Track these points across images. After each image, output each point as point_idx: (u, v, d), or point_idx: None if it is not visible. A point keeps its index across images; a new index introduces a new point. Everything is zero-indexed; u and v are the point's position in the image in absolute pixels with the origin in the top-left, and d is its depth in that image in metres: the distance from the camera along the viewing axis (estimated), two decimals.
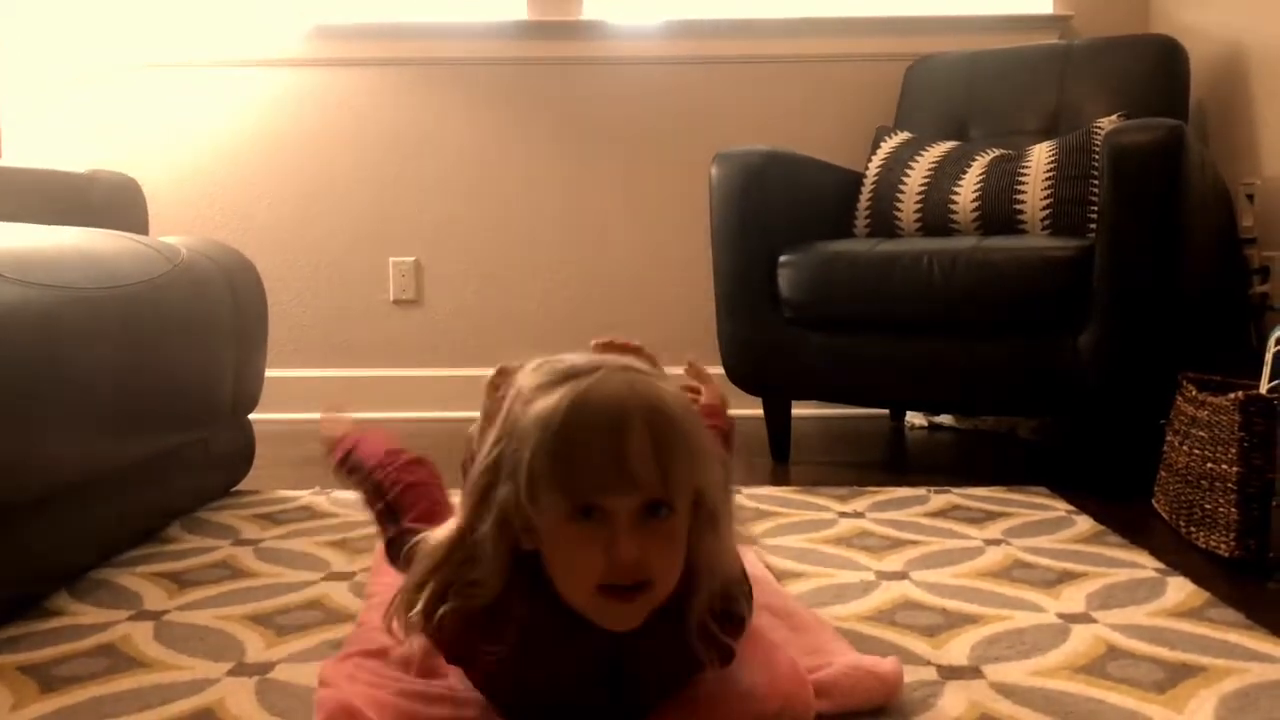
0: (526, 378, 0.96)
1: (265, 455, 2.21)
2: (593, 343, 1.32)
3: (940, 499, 2.03)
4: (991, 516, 1.90)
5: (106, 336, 1.49)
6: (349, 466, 1.31)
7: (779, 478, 2.31)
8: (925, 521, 1.87)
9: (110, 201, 2.00)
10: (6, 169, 2.00)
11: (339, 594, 1.52)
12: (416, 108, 3.08)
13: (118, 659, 1.28)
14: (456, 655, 1.03)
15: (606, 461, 0.88)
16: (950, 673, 1.22)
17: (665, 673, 1.02)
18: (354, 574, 1.61)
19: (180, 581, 1.57)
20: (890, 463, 2.54)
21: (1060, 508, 1.96)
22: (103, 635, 1.36)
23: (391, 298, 3.10)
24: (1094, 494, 2.04)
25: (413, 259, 3.09)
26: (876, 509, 1.96)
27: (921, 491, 2.08)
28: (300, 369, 3.04)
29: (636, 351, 1.27)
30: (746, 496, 2.06)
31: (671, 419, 0.91)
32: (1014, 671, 1.22)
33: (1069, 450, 2.22)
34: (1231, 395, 1.66)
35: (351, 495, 2.05)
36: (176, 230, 2.71)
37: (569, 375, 0.93)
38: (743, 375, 2.42)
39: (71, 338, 1.41)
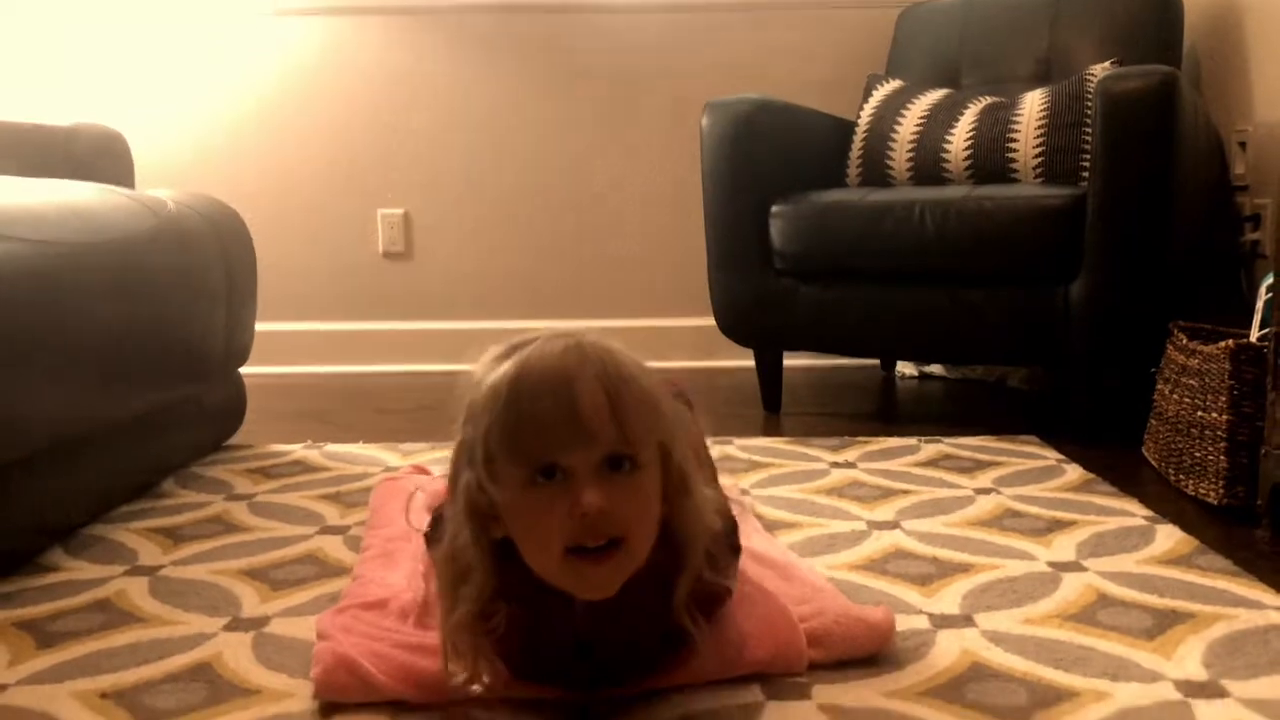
0: (476, 365, 0.94)
1: (257, 408, 2.21)
2: None
3: (931, 448, 2.03)
4: (982, 465, 1.91)
5: (95, 291, 1.48)
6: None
7: (770, 429, 2.32)
8: (916, 471, 1.88)
9: (94, 155, 1.98)
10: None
11: (334, 548, 1.52)
12: (404, 57, 3.04)
13: (114, 614, 1.28)
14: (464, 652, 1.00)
15: (559, 418, 0.86)
16: (942, 621, 1.23)
17: (647, 651, 1.02)
18: (349, 528, 1.61)
19: (175, 537, 1.58)
20: (881, 413, 2.55)
21: (1050, 456, 1.97)
22: (98, 590, 1.36)
23: (381, 250, 3.09)
24: (1084, 443, 2.05)
25: (402, 211, 3.07)
26: (868, 459, 1.97)
27: (912, 441, 2.09)
28: (290, 322, 3.03)
29: None
30: (738, 448, 2.06)
31: (623, 370, 0.89)
32: (1005, 620, 1.23)
33: (1059, 399, 2.22)
34: (1222, 344, 1.66)
35: (343, 448, 2.07)
36: (163, 185, 2.69)
37: (514, 348, 0.92)
38: (734, 327, 2.42)
39: (60, 293, 1.40)
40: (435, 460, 1.95)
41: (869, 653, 1.13)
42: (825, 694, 1.06)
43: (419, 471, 1.77)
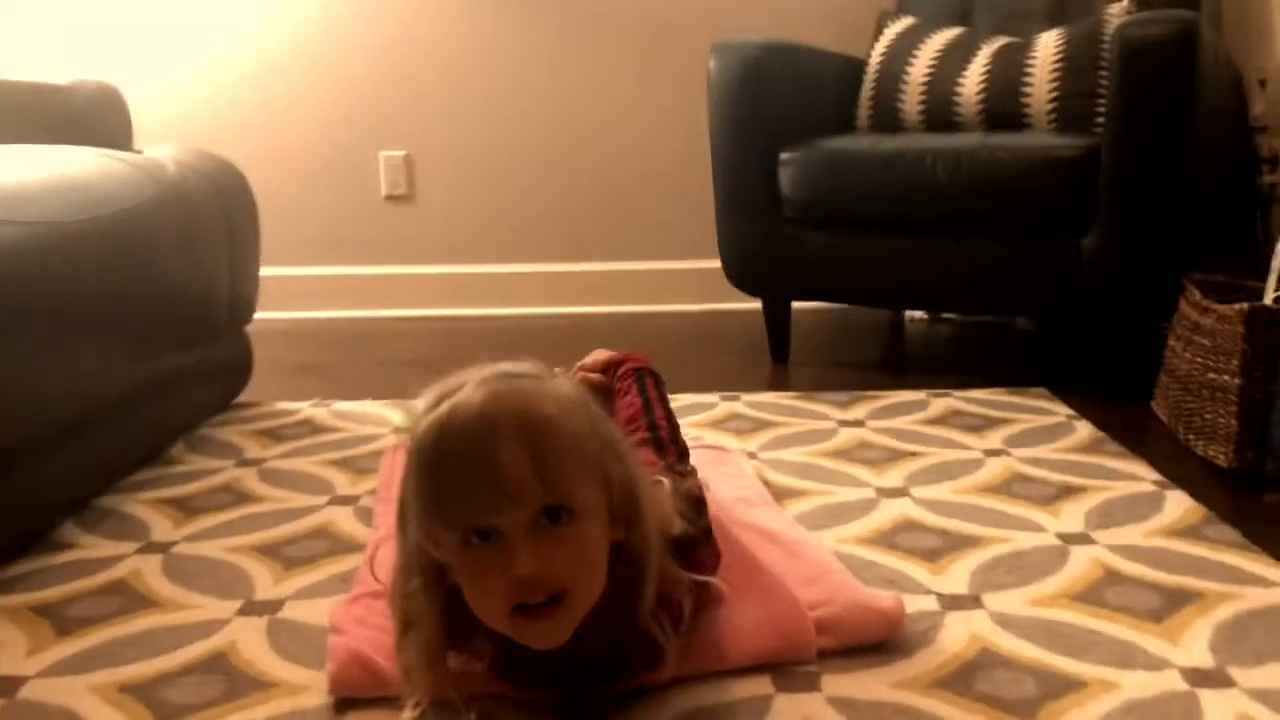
0: (420, 398, 0.93)
1: (262, 358, 2.19)
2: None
3: (939, 404, 2.03)
4: (991, 423, 1.91)
5: (97, 268, 1.47)
6: None
7: (778, 381, 2.31)
8: (925, 430, 1.88)
9: (92, 112, 1.95)
10: None
11: (345, 520, 1.53)
12: None
13: (129, 598, 1.30)
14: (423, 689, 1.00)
15: (478, 481, 0.84)
16: (950, 602, 1.24)
17: (625, 660, 1.01)
18: (358, 497, 1.62)
19: (186, 509, 1.59)
20: (890, 360, 2.54)
21: (1060, 412, 1.96)
22: (113, 571, 1.37)
23: (383, 193, 3.05)
24: (1093, 395, 2.05)
25: (403, 153, 3.03)
26: (876, 416, 1.97)
27: (921, 396, 2.08)
28: (293, 267, 3.01)
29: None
30: (746, 404, 2.06)
31: (544, 420, 0.87)
32: (1013, 600, 1.24)
33: (1069, 345, 2.21)
34: (1236, 306, 1.65)
35: (350, 406, 2.06)
36: (160, 136, 2.65)
37: (440, 398, 0.89)
38: (742, 276, 2.40)
39: (61, 273, 1.38)
40: None
41: (879, 640, 1.14)
42: (835, 685, 1.07)
43: None
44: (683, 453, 1.26)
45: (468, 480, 0.86)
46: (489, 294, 3.05)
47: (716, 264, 2.46)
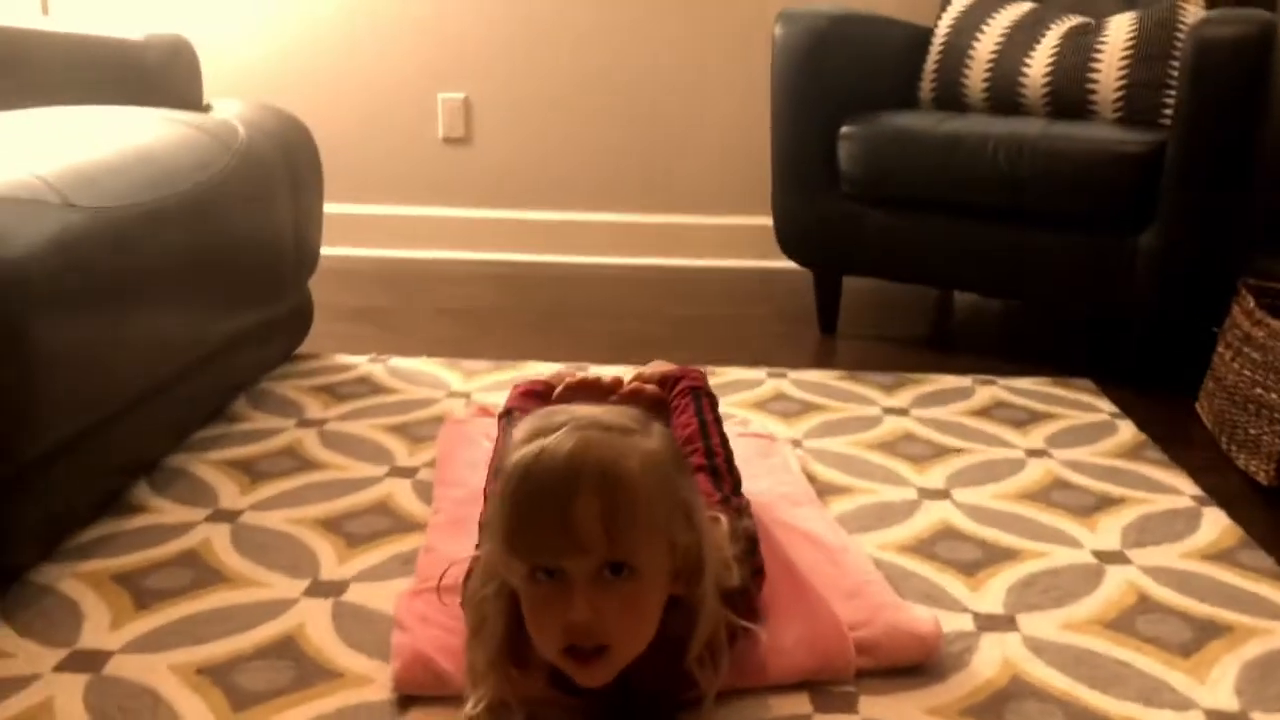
0: (521, 426, 0.98)
1: (320, 298, 2.22)
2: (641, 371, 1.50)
3: (984, 392, 2.05)
4: (1035, 418, 1.93)
5: (173, 243, 1.52)
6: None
7: (825, 353, 2.34)
8: (968, 422, 1.91)
9: (165, 67, 1.97)
10: (63, 35, 1.96)
11: (404, 494, 1.59)
12: None
13: (201, 570, 1.37)
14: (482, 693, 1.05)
15: (551, 527, 0.90)
16: (986, 622, 1.28)
17: (670, 694, 1.06)
18: (417, 470, 1.68)
19: (251, 473, 1.65)
20: (937, 338, 2.55)
21: (1104, 409, 1.98)
22: (184, 539, 1.44)
23: (441, 135, 3.07)
24: (1139, 388, 2.07)
25: (462, 95, 3.04)
26: (920, 404, 1.99)
27: (966, 382, 2.11)
28: (350, 204, 3.04)
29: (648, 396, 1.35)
30: (792, 382, 2.09)
31: (623, 481, 0.91)
32: (1046, 624, 1.28)
33: (1117, 337, 2.22)
34: None
35: (406, 364, 2.12)
36: (226, 81, 2.69)
37: (537, 434, 0.94)
38: (796, 247, 2.42)
39: (140, 250, 1.43)
40: (496, 385, 2.00)
41: (916, 662, 1.19)
42: (871, 706, 1.12)
43: (483, 414, 1.82)
44: (736, 482, 1.30)
45: (542, 523, 0.91)
46: (541, 240, 3.08)
47: (768, 221, 2.47)
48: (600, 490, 0.91)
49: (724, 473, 1.29)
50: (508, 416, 1.48)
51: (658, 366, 1.60)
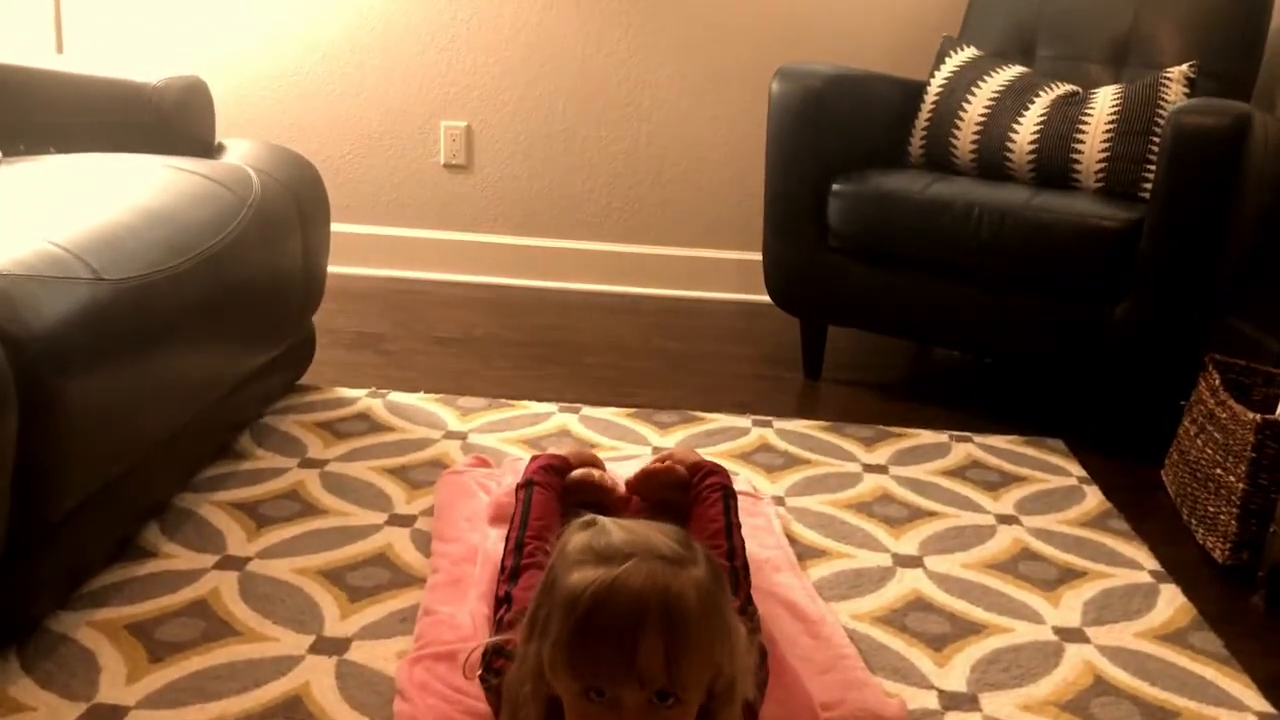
0: (574, 537, 1.03)
1: (321, 320, 2.29)
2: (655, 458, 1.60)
3: (960, 450, 2.14)
4: (1006, 480, 2.02)
5: (192, 303, 1.58)
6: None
7: (809, 399, 2.42)
8: (944, 484, 2.00)
9: (180, 108, 2.03)
10: (78, 77, 2.02)
11: (403, 545, 1.67)
12: None
13: (212, 622, 1.44)
14: None
15: (618, 661, 0.95)
16: (950, 700, 1.37)
17: None
18: (415, 518, 1.75)
19: (257, 517, 1.72)
20: (915, 388, 2.62)
21: (1073, 473, 2.07)
22: (195, 587, 1.52)
23: (442, 161, 3.13)
24: (1108, 452, 2.16)
25: (464, 124, 3.10)
26: (899, 461, 2.08)
27: (943, 439, 2.19)
28: (351, 224, 3.11)
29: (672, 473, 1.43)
30: (776, 432, 2.18)
31: (687, 622, 0.96)
32: (1007, 703, 1.37)
33: (1088, 399, 2.31)
34: (1251, 415, 1.74)
35: (404, 400, 2.18)
36: (233, 109, 2.74)
37: (604, 558, 0.99)
38: (784, 295, 2.50)
39: (162, 316, 1.50)
40: (491, 425, 2.08)
41: None
42: None
43: (479, 464, 1.90)
44: (748, 583, 1.38)
45: (607, 656, 0.96)
46: (536, 266, 3.15)
47: (758, 257, 2.55)
48: (667, 631, 0.95)
49: (742, 579, 1.38)
50: (527, 488, 1.55)
51: (688, 454, 1.69)
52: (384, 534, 1.70)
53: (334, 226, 2.32)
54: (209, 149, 2.07)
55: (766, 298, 2.84)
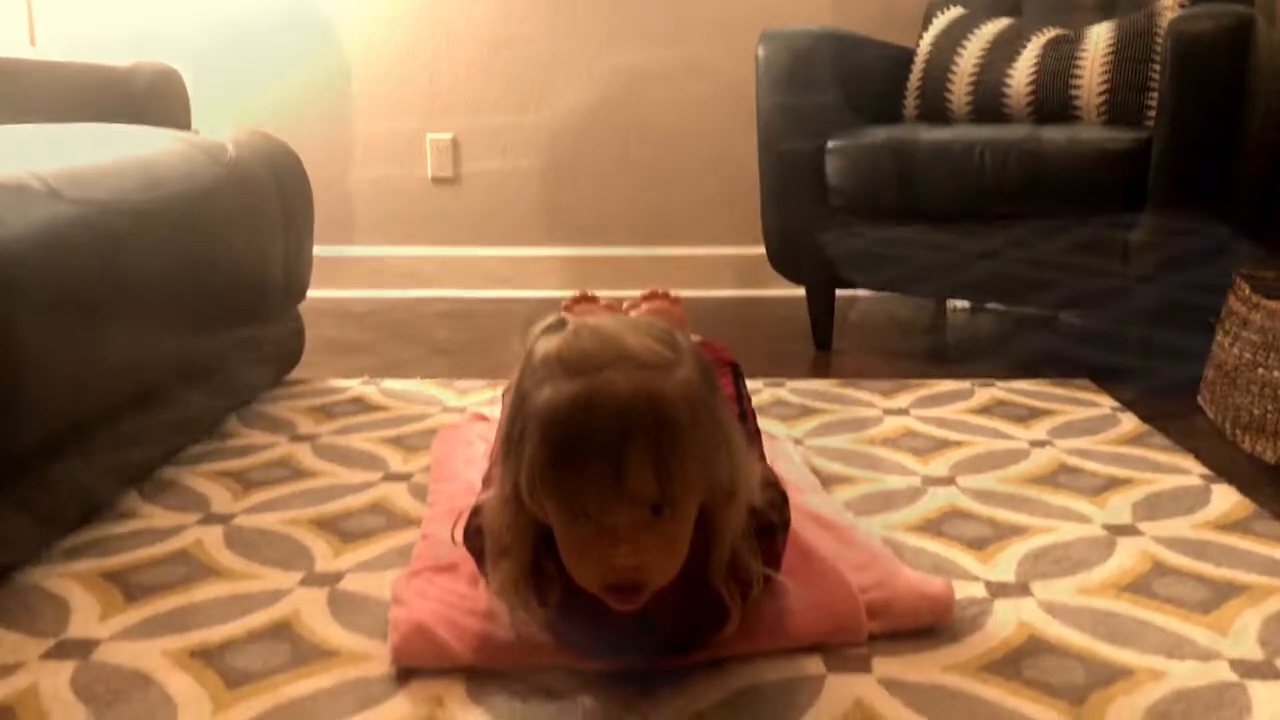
0: (540, 343, 0.93)
1: (311, 337, 2.22)
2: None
3: (984, 393, 2.04)
4: (1035, 414, 1.91)
5: (161, 244, 1.51)
6: None
7: (821, 366, 2.33)
8: (970, 419, 1.89)
9: (152, 94, 1.98)
10: (51, 63, 1.97)
11: (400, 496, 1.56)
12: None
13: (194, 567, 1.33)
14: (514, 610, 1.03)
15: (605, 481, 0.86)
16: (998, 590, 1.25)
17: (696, 621, 1.04)
18: (411, 474, 1.65)
19: (244, 482, 1.62)
20: (933, 351, 2.54)
21: (1104, 404, 1.97)
22: (176, 540, 1.41)
23: (430, 175, 3.08)
24: (1138, 387, 2.05)
25: (450, 136, 3.06)
26: (920, 405, 1.98)
27: (965, 385, 2.09)
28: (340, 245, 3.05)
29: (664, 298, 1.31)
30: (790, 391, 2.08)
31: (676, 429, 0.87)
32: (1061, 589, 1.25)
33: (1114, 336, 2.21)
34: None
35: (400, 385, 2.10)
36: (214, 113, 2.69)
37: (575, 370, 0.89)
38: (786, 262, 2.42)
39: (128, 249, 1.42)
40: (492, 400, 1.98)
41: (929, 625, 1.16)
42: (885, 667, 1.09)
43: (478, 420, 1.80)
44: (761, 454, 1.28)
45: (592, 476, 0.87)
46: (531, 277, 3.08)
47: (758, 250, 2.48)
48: (654, 444, 0.86)
49: (754, 439, 1.28)
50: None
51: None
52: (379, 488, 1.60)
53: (323, 250, 2.27)
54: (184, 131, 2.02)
55: (770, 291, 2.78)
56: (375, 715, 1.02)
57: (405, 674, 1.08)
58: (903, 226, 2.25)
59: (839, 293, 2.47)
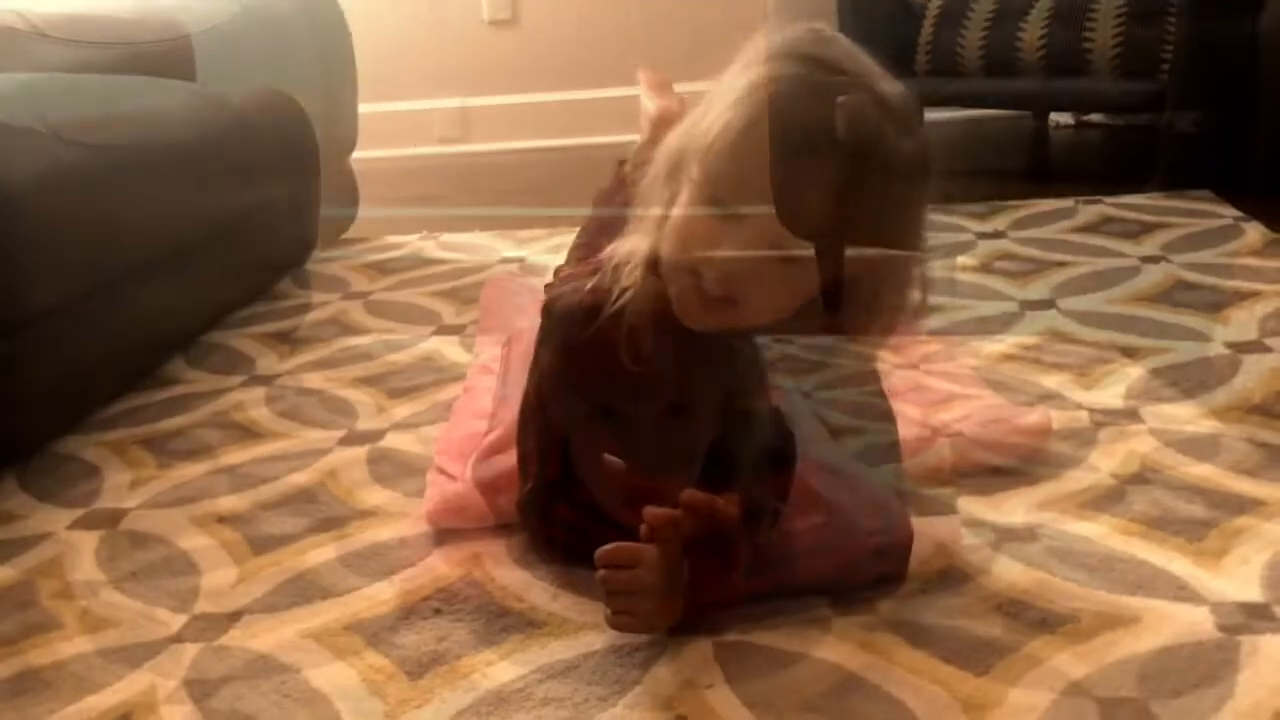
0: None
1: (370, 195, 2.13)
2: None
3: (1090, 210, 1.85)
4: (1148, 229, 1.72)
5: (188, 88, 1.40)
6: None
7: None
8: (1074, 239, 1.71)
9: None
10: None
11: (450, 349, 1.47)
12: None
13: (231, 430, 1.26)
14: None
15: (795, 177, 0.75)
16: (1106, 416, 1.11)
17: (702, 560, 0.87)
18: (464, 327, 1.55)
19: (291, 341, 1.55)
20: (1033, 169, 2.33)
21: (1226, 214, 1.77)
22: (216, 404, 1.34)
23: (486, 18, 2.91)
24: (1266, 196, 1.83)
25: None
26: (1018, 227, 1.80)
27: (1068, 203, 1.90)
28: (395, 102, 2.92)
29: None
30: None
31: (888, 178, 0.76)
32: (1177, 414, 1.10)
33: (1237, 142, 1.98)
34: None
35: (460, 238, 1.99)
36: None
37: (827, 67, 0.77)
38: None
39: (155, 103, 1.32)
40: (552, 249, 1.86)
41: (1023, 457, 1.03)
42: (970, 506, 0.97)
43: (529, 275, 1.68)
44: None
45: (785, 164, 0.76)
46: (598, 121, 2.91)
47: None
48: (859, 174, 0.75)
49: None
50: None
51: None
52: (430, 342, 1.51)
53: (376, 106, 2.14)
54: None
55: None
56: (413, 575, 0.94)
57: (443, 534, 1.00)
58: None
59: (930, 117, 2.25)
